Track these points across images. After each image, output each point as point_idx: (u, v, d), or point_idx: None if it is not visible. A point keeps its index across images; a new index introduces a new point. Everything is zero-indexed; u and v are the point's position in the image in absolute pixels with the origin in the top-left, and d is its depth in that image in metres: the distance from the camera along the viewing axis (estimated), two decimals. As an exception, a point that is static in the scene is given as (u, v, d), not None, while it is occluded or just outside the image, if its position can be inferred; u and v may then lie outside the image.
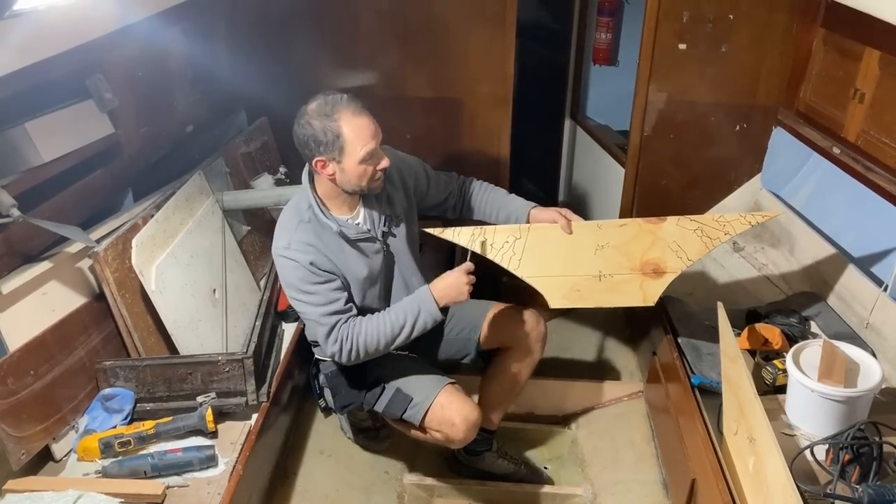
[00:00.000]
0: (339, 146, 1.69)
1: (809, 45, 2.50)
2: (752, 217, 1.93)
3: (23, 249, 1.79)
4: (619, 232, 1.97)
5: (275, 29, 2.72)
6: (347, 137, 1.69)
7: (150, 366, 1.87)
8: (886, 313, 1.98)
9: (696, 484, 1.82)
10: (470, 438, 1.93)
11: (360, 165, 1.72)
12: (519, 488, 2.23)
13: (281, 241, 1.81)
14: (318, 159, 1.72)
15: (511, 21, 2.65)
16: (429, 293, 1.82)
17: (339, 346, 1.80)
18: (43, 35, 1.62)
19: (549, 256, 1.96)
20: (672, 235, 1.93)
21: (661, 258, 1.91)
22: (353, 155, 1.70)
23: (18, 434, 1.61)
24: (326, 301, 1.79)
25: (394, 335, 1.82)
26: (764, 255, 2.62)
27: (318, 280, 1.78)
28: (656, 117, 2.74)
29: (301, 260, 1.77)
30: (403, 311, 1.82)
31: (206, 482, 1.69)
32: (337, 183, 1.78)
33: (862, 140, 2.20)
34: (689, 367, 2.02)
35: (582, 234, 1.98)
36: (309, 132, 1.70)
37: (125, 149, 2.07)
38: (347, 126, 1.69)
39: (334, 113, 1.69)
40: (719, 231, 1.91)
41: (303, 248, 1.78)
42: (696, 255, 1.91)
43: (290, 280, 1.80)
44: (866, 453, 1.50)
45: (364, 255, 1.88)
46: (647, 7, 2.58)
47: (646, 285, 1.91)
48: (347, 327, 1.80)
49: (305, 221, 1.81)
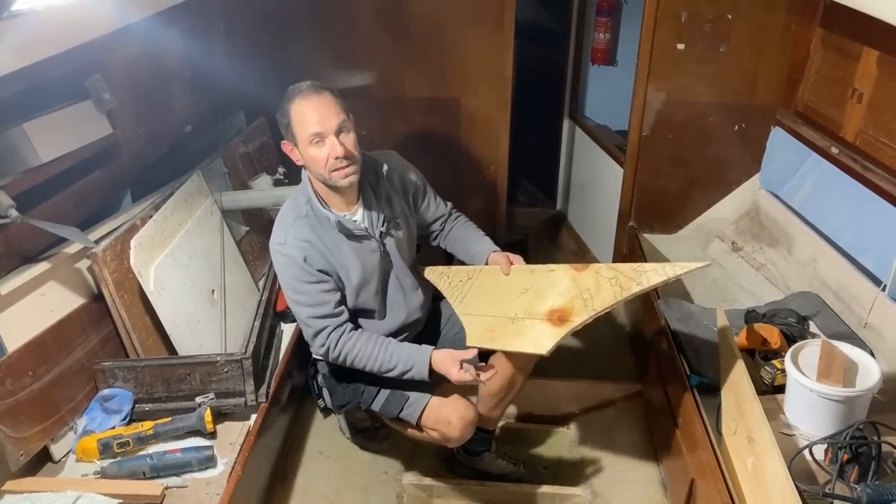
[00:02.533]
0: (290, 130, 1.75)
1: (808, 45, 2.50)
2: (672, 268, 1.66)
3: (21, 250, 1.79)
4: (546, 277, 1.88)
5: (273, 29, 2.72)
6: (294, 122, 1.73)
7: (148, 366, 1.87)
8: (885, 313, 1.99)
9: (695, 484, 1.82)
10: (466, 437, 1.93)
11: (309, 149, 1.73)
12: (518, 488, 2.22)
13: (278, 236, 1.83)
14: (284, 143, 1.80)
15: (509, 21, 2.65)
16: (427, 358, 1.82)
17: (325, 351, 1.85)
18: (41, 35, 1.62)
19: (484, 297, 1.96)
20: (588, 283, 1.78)
21: (569, 306, 1.77)
22: (301, 135, 1.73)
23: (17, 435, 1.60)
24: (315, 303, 1.81)
25: (379, 370, 1.85)
26: (762, 254, 2.63)
27: (309, 279, 1.79)
28: (655, 117, 2.74)
29: (295, 256, 1.78)
30: (398, 359, 1.84)
31: (204, 483, 1.69)
32: (311, 172, 1.80)
33: (860, 140, 2.20)
34: (688, 366, 2.02)
35: (516, 277, 1.94)
36: (278, 118, 1.79)
37: (124, 149, 2.07)
38: (296, 109, 1.73)
39: (291, 97, 1.75)
40: (632, 281, 1.70)
41: (297, 243, 1.79)
42: (603, 304, 1.72)
43: (284, 276, 1.83)
44: (865, 453, 1.51)
45: (360, 253, 1.87)
46: (646, 7, 2.58)
47: (545, 332, 1.77)
48: (339, 337, 1.83)
49: (303, 216, 1.82)
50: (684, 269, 1.66)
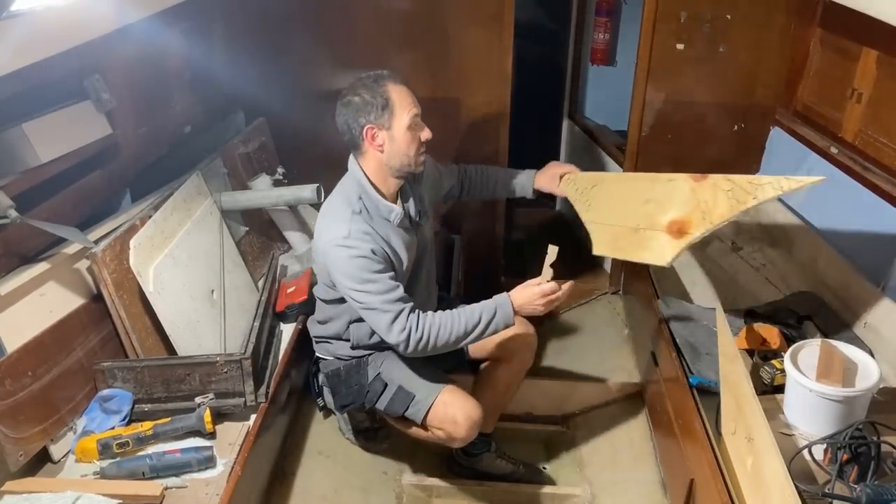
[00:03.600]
0: (388, 111, 1.76)
1: (807, 45, 2.50)
2: (787, 181, 1.72)
3: (20, 250, 1.78)
4: (666, 186, 1.91)
5: (273, 30, 2.72)
6: (395, 102, 1.76)
7: (148, 367, 1.87)
8: (884, 313, 1.99)
9: (695, 484, 1.82)
10: (472, 437, 1.93)
11: (407, 132, 1.79)
12: (517, 488, 2.23)
13: (338, 231, 1.79)
14: (369, 127, 1.78)
15: (509, 21, 2.65)
16: (507, 298, 1.82)
17: (406, 335, 1.77)
18: (41, 36, 1.62)
19: (608, 204, 2.00)
20: (706, 195, 1.82)
21: (688, 218, 1.81)
22: (401, 120, 1.78)
23: (16, 435, 1.60)
24: (388, 288, 1.78)
25: (466, 331, 1.80)
26: (762, 254, 2.63)
27: (378, 268, 1.78)
28: (654, 117, 2.74)
29: (362, 248, 1.77)
30: (480, 310, 1.81)
31: (204, 483, 1.69)
32: (385, 158, 1.81)
33: (860, 140, 2.20)
34: (688, 367, 2.02)
35: (638, 185, 1.98)
36: (358, 102, 1.77)
37: (123, 149, 2.07)
38: (394, 92, 1.78)
39: (380, 81, 1.78)
40: (748, 194, 1.77)
41: (362, 236, 1.78)
42: (720, 217, 1.78)
43: (349, 270, 1.78)
44: (864, 453, 1.51)
45: (406, 241, 1.91)
46: (645, 7, 2.58)
47: (666, 244, 1.81)
48: (417, 317, 1.78)
49: (357, 212, 1.83)
50: (799, 182, 1.71)
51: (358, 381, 2.00)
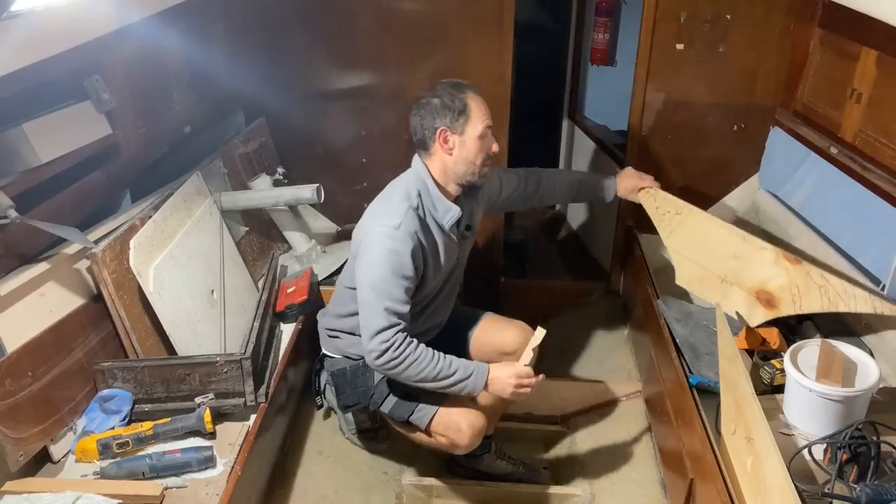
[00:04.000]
0: (464, 116, 1.83)
1: (807, 45, 2.50)
2: (881, 305, 1.83)
3: (20, 251, 1.79)
4: (758, 252, 2.05)
5: (273, 30, 2.72)
6: (472, 109, 1.83)
7: (148, 367, 1.87)
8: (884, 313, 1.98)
9: (695, 484, 1.82)
10: (474, 445, 1.94)
11: (478, 140, 1.84)
12: (517, 489, 2.23)
13: (391, 219, 1.81)
14: (443, 129, 1.83)
15: (508, 21, 2.65)
16: (486, 369, 1.84)
17: (385, 348, 1.77)
18: (40, 36, 1.62)
19: (693, 240, 2.13)
20: (799, 279, 1.93)
21: (779, 295, 1.94)
22: (474, 128, 1.84)
23: (16, 435, 1.60)
24: (398, 299, 1.79)
25: (436, 378, 1.81)
26: (762, 254, 2.62)
27: (405, 274, 1.79)
28: (654, 117, 2.74)
29: (405, 245, 1.79)
30: (457, 367, 1.82)
31: (204, 483, 1.69)
32: (451, 162, 1.86)
33: (859, 140, 2.20)
34: (688, 366, 2.02)
35: (727, 237, 2.11)
36: (436, 104, 1.83)
37: (123, 150, 2.07)
38: (472, 101, 1.85)
39: (461, 89, 1.85)
40: (840, 299, 1.86)
41: (410, 235, 1.80)
42: (809, 308, 1.92)
43: (381, 261, 1.78)
44: (864, 453, 1.50)
45: (449, 250, 1.95)
46: (645, 7, 2.58)
47: (754, 309, 1.99)
48: (405, 338, 1.78)
49: (414, 208, 1.85)
50: (889, 310, 1.81)
51: (364, 382, 1.99)
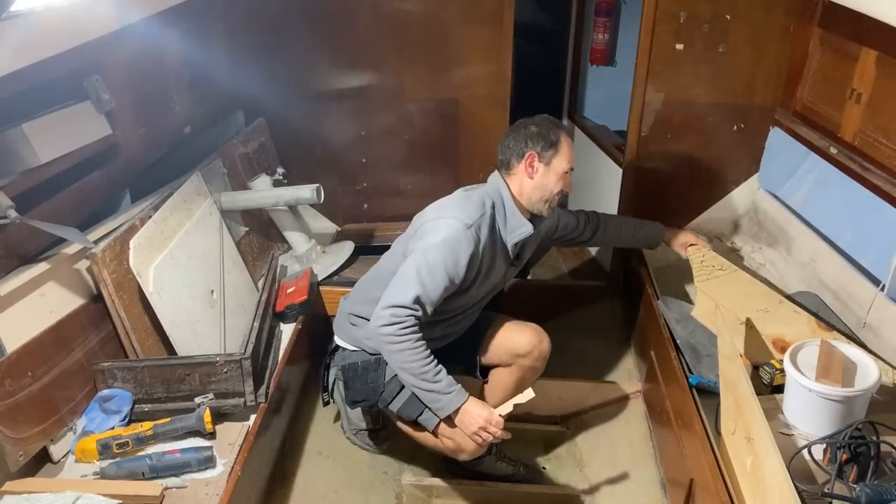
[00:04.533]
0: (554, 149, 1.94)
1: (806, 46, 2.50)
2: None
3: (20, 251, 1.79)
4: (790, 313, 2.11)
5: (273, 30, 2.72)
6: (563, 146, 1.96)
7: (148, 367, 1.87)
8: (884, 313, 1.99)
9: (694, 484, 1.82)
10: (480, 453, 1.94)
11: (556, 175, 1.95)
12: (517, 489, 2.23)
13: (467, 216, 1.87)
14: (532, 153, 1.94)
15: (508, 21, 2.65)
16: (463, 399, 1.85)
17: (392, 321, 1.79)
18: (40, 36, 1.62)
19: (727, 291, 2.21)
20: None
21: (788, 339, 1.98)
22: (560, 162, 1.95)
23: (16, 436, 1.60)
24: (433, 288, 1.82)
25: (415, 376, 1.84)
26: (761, 254, 2.63)
27: (453, 272, 1.84)
28: (654, 117, 2.74)
29: (469, 245, 1.85)
30: (441, 381, 1.84)
31: (204, 483, 1.69)
32: (530, 185, 1.95)
33: (859, 140, 2.20)
34: (688, 367, 2.02)
35: (764, 296, 2.18)
36: (534, 131, 1.95)
37: (123, 150, 2.07)
38: (565, 142, 1.97)
39: (560, 127, 1.99)
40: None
41: (476, 236, 1.87)
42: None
43: (438, 247, 1.82)
44: (864, 453, 1.51)
45: (500, 269, 2.02)
46: (645, 7, 2.58)
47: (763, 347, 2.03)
48: (414, 327, 1.81)
49: (487, 216, 1.92)
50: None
51: (375, 379, 1.98)
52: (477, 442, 1.87)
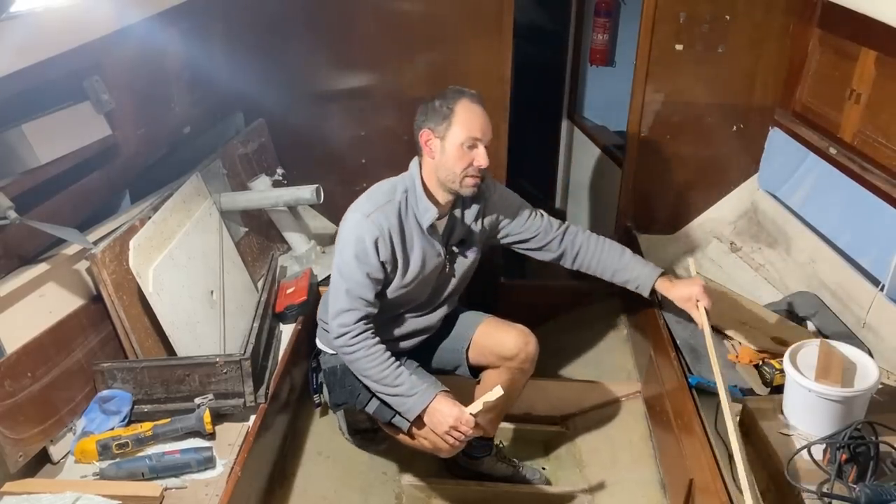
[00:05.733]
0: (447, 122, 1.79)
1: (806, 46, 2.50)
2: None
3: (20, 251, 1.79)
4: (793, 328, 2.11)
5: (272, 31, 2.72)
6: (457, 116, 1.79)
7: (147, 367, 1.87)
8: (883, 313, 1.99)
9: (694, 484, 1.82)
10: (457, 450, 1.92)
11: (459, 148, 1.80)
12: (517, 489, 2.23)
13: (364, 207, 1.84)
14: (425, 131, 1.82)
15: (508, 22, 2.65)
16: (428, 400, 1.83)
17: (343, 332, 1.83)
18: (40, 37, 1.62)
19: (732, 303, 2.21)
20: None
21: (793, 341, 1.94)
22: (456, 135, 1.79)
23: (16, 436, 1.60)
24: (359, 282, 1.82)
25: (377, 382, 1.85)
26: (761, 255, 2.63)
27: (367, 261, 1.81)
28: (653, 118, 2.74)
29: (370, 234, 1.80)
30: (403, 382, 1.84)
31: (204, 484, 1.69)
32: (434, 165, 1.84)
33: (858, 140, 2.20)
34: (687, 367, 2.02)
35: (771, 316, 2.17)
36: (428, 106, 1.82)
37: (122, 150, 2.07)
38: (462, 108, 1.80)
39: (457, 95, 1.82)
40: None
41: (379, 225, 1.82)
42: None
43: (346, 246, 1.83)
44: (863, 453, 1.50)
45: (427, 257, 1.92)
46: (644, 8, 2.58)
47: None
48: (364, 330, 1.83)
49: (395, 202, 1.85)
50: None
51: (351, 382, 1.98)
52: (448, 442, 1.85)
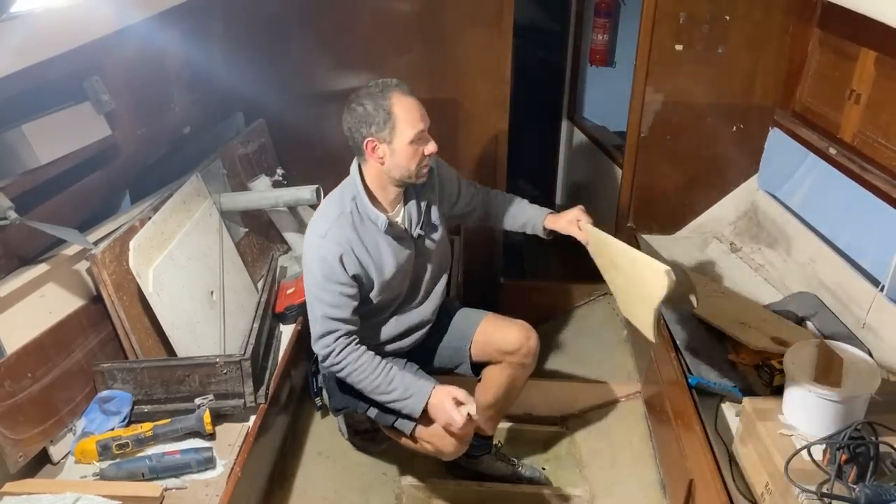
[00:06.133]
0: (390, 125, 1.72)
1: (805, 46, 2.50)
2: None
3: (20, 252, 1.79)
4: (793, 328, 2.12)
5: (272, 31, 2.72)
6: (398, 116, 1.72)
7: (147, 368, 1.87)
8: (883, 314, 1.99)
9: (694, 484, 1.82)
10: (460, 452, 1.92)
11: (409, 146, 1.75)
12: (517, 489, 2.23)
13: (319, 228, 1.80)
14: (369, 140, 1.74)
15: (508, 22, 2.65)
16: (426, 396, 1.81)
17: (327, 353, 1.82)
18: (40, 37, 1.62)
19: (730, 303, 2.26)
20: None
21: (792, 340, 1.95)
22: (403, 134, 1.73)
23: (16, 437, 1.60)
24: (334, 304, 1.79)
25: (374, 391, 1.83)
26: (761, 255, 2.63)
27: (337, 280, 1.78)
28: (653, 118, 2.74)
29: (332, 253, 1.76)
30: (399, 384, 1.82)
31: (204, 484, 1.69)
32: (385, 169, 1.79)
33: (858, 141, 2.20)
34: (687, 367, 2.02)
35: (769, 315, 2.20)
36: (360, 112, 1.73)
37: (122, 151, 2.07)
38: (398, 105, 1.72)
39: (386, 93, 1.73)
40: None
41: (338, 241, 1.77)
42: None
43: (313, 270, 1.79)
44: (863, 453, 1.50)
45: (396, 251, 1.88)
46: (644, 8, 2.58)
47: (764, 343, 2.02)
48: (346, 345, 1.81)
49: (346, 213, 1.81)
50: None
51: (351, 387, 1.99)
52: (455, 433, 1.83)
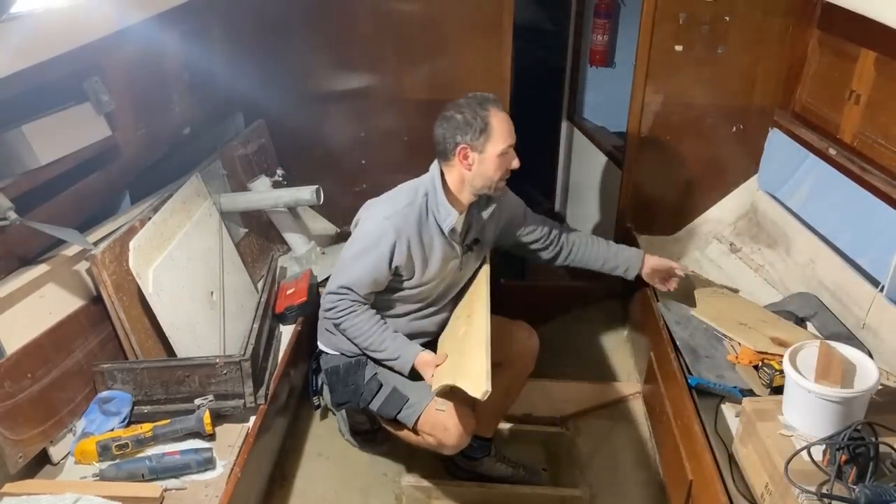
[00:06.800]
0: (485, 135, 1.85)
1: (805, 47, 2.50)
2: None
3: (20, 252, 1.78)
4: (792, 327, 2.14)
5: (272, 31, 2.72)
6: (494, 128, 1.85)
7: (147, 368, 1.87)
8: (883, 314, 1.99)
9: (694, 485, 1.82)
10: (462, 445, 1.93)
11: (498, 158, 1.87)
12: (517, 490, 2.23)
13: (385, 209, 1.91)
14: (462, 147, 1.86)
15: (508, 23, 2.65)
16: (414, 356, 1.93)
17: (332, 305, 1.95)
18: (40, 38, 1.62)
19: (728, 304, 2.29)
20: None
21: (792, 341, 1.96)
22: (495, 147, 1.86)
23: (15, 437, 1.60)
24: (358, 277, 1.91)
25: (367, 347, 1.97)
26: (761, 255, 2.63)
27: (377, 262, 1.89)
28: (653, 119, 2.74)
29: (387, 236, 1.86)
30: (388, 346, 1.95)
31: (203, 485, 1.69)
32: (470, 176, 1.89)
33: (858, 141, 2.20)
34: (687, 368, 2.02)
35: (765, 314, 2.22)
36: (459, 120, 1.86)
37: (122, 151, 2.07)
38: (495, 118, 1.86)
39: (485, 105, 1.87)
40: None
41: (396, 229, 1.87)
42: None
43: (362, 238, 1.91)
44: (863, 454, 1.50)
45: (445, 256, 1.97)
46: (644, 9, 2.58)
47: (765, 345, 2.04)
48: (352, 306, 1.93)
49: (416, 205, 1.91)
50: None
51: (355, 381, 2.00)
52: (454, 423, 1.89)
